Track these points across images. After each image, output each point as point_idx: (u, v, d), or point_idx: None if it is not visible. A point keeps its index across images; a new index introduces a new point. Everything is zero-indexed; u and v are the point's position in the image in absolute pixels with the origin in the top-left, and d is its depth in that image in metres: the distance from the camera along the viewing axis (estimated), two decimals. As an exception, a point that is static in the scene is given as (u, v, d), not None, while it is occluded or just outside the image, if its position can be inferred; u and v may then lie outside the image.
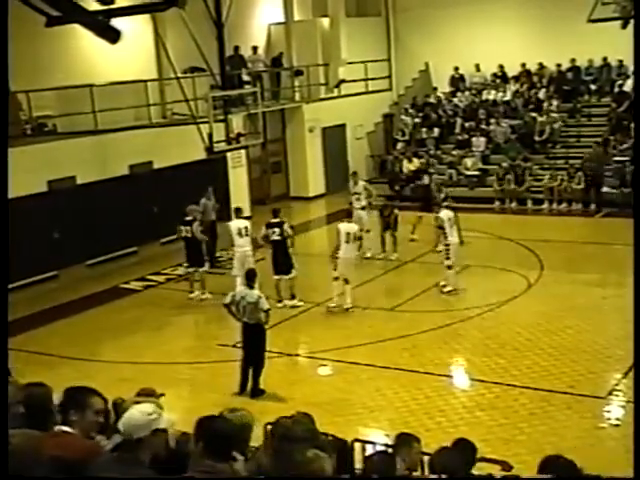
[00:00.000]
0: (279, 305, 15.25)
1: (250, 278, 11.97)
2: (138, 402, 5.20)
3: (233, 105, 19.68)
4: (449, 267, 15.64)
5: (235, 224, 15.94)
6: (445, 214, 15.67)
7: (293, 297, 15.50)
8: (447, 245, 15.56)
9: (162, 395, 6.80)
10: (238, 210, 16.49)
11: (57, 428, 4.57)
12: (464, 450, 5.35)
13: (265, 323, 11.64)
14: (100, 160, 18.92)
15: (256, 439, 5.75)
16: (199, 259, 16.38)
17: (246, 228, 15.71)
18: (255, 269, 12.81)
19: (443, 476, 5.17)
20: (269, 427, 6.02)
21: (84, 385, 4.94)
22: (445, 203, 16.87)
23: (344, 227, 15.36)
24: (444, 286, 15.70)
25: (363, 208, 18.73)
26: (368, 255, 18.33)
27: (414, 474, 5.90)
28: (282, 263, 15.36)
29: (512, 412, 10.59)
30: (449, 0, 27.20)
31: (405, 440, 6.00)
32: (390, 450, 6.01)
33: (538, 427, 10.09)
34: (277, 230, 15.39)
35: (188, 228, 16.18)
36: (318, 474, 4.25)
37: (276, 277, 15.43)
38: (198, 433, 4.59)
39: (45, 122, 18.86)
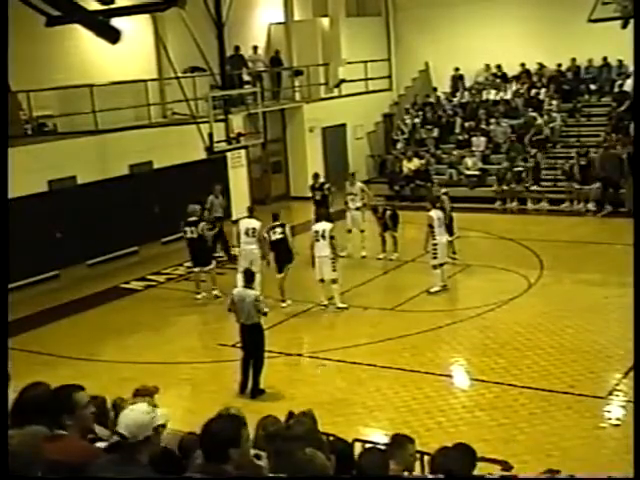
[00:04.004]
0: (283, 305, 15.28)
1: (248, 278, 11.96)
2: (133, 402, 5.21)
3: (233, 105, 19.71)
4: (434, 267, 15.67)
5: (244, 223, 15.94)
6: (435, 213, 15.70)
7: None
8: (435, 245, 15.58)
9: (157, 390, 6.83)
10: (251, 209, 16.43)
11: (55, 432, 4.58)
12: (465, 454, 5.34)
13: (262, 323, 11.64)
14: (100, 160, 18.93)
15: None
16: (205, 259, 16.29)
17: (254, 229, 15.60)
18: (252, 270, 12.79)
19: (440, 476, 5.16)
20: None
21: (72, 384, 4.99)
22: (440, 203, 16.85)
23: (317, 226, 15.43)
24: (431, 287, 15.73)
25: (358, 209, 18.71)
26: (363, 254, 18.38)
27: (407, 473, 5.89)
28: (285, 260, 15.38)
29: (512, 412, 10.59)
30: None
31: (399, 441, 6.00)
32: (382, 447, 6.00)
33: (538, 427, 10.09)
34: (279, 229, 15.41)
35: (193, 229, 16.00)
36: (319, 470, 4.25)
37: (279, 276, 15.44)
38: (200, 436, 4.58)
39: (45, 122, 18.86)
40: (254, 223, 15.81)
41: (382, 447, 5.93)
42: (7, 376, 4.99)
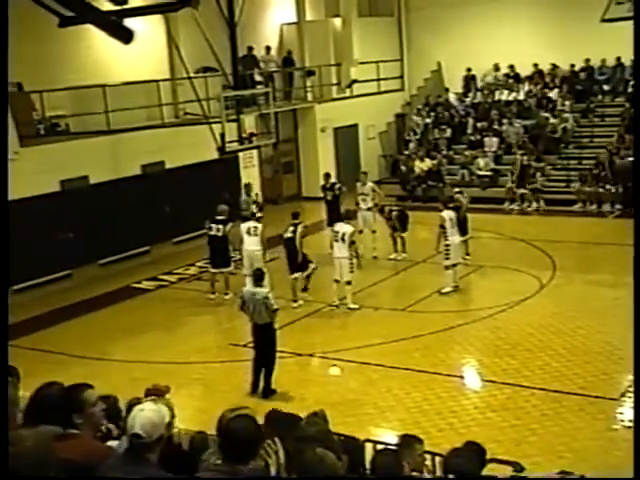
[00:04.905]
0: (294, 305, 15.30)
1: (258, 278, 11.98)
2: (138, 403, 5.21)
3: (245, 105, 19.69)
4: (447, 267, 15.65)
5: (246, 223, 16.06)
6: (447, 214, 15.67)
7: (305, 289, 15.70)
8: (447, 245, 15.55)
9: (168, 390, 6.85)
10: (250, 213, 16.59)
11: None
12: (476, 453, 5.34)
13: (274, 322, 11.65)
14: (113, 160, 18.98)
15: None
16: (225, 259, 16.28)
17: (255, 228, 15.72)
18: (262, 269, 12.80)
19: (451, 476, 5.15)
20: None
21: (81, 383, 5.01)
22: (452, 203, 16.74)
23: (337, 226, 15.47)
24: (442, 288, 15.71)
25: (369, 209, 18.68)
26: (375, 255, 18.34)
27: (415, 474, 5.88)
28: (295, 264, 15.43)
29: (524, 413, 10.56)
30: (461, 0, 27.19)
31: (407, 442, 5.99)
32: (395, 448, 6.00)
33: (550, 428, 10.06)
34: (291, 228, 15.47)
35: (220, 227, 16.02)
36: (329, 471, 4.24)
37: (291, 276, 15.47)
38: (219, 435, 4.55)
39: (58, 122, 18.93)
40: (255, 222, 15.96)
41: (394, 448, 5.92)
42: (7, 376, 4.99)
